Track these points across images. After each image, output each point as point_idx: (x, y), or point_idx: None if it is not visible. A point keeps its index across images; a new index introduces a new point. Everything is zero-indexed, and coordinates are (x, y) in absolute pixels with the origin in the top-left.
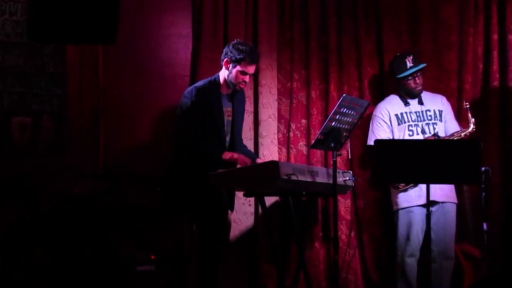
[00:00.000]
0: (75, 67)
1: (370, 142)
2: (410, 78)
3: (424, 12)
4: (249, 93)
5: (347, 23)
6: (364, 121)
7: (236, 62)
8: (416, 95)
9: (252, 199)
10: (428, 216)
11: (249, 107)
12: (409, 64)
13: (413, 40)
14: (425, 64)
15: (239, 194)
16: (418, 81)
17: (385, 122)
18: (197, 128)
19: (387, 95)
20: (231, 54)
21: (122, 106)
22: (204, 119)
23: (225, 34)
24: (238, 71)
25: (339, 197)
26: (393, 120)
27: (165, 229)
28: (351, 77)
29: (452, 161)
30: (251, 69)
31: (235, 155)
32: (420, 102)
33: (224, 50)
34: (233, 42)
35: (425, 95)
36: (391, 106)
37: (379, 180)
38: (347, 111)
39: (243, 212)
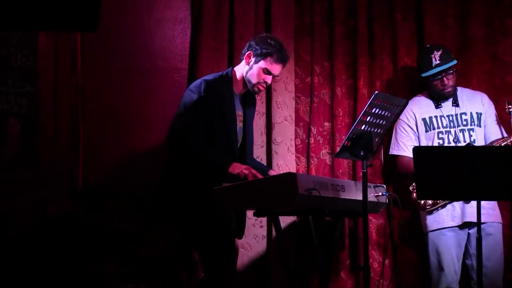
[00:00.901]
0: (49, 59)
1: (393, 151)
2: (436, 78)
3: None
4: None
5: (380, 5)
6: None
7: (261, 56)
8: (446, 97)
9: (264, 220)
10: (479, 240)
11: (260, 107)
12: (434, 62)
13: (461, 25)
14: (455, 62)
15: (249, 214)
16: (446, 82)
17: (411, 128)
18: (204, 129)
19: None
20: (256, 47)
21: (105, 107)
22: (214, 121)
23: (231, 18)
24: (261, 68)
25: (370, 217)
26: (420, 125)
27: (158, 257)
28: (384, 70)
29: (506, 173)
30: (276, 69)
31: (246, 170)
32: (455, 104)
33: (248, 43)
34: (261, 35)
35: (462, 94)
36: (418, 108)
37: (419, 195)
38: (380, 112)
39: (253, 235)
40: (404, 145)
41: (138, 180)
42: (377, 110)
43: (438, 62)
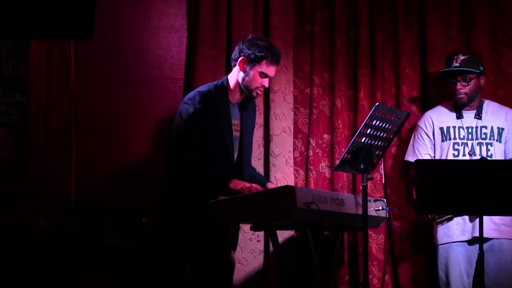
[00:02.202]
0: (41, 68)
1: (408, 157)
2: (450, 80)
3: (478, 1)
4: (258, 101)
5: (382, 15)
6: (402, 137)
7: (256, 61)
8: (461, 105)
9: (261, 234)
10: (481, 256)
11: (258, 118)
12: (454, 63)
13: (465, 35)
14: (474, 71)
15: (245, 228)
16: (459, 87)
17: (428, 136)
18: (200, 142)
19: (432, 103)
20: (248, 52)
21: (99, 117)
22: (210, 132)
23: (229, 27)
24: (257, 72)
25: (370, 232)
26: (437, 134)
27: (154, 272)
28: (385, 81)
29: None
30: (272, 71)
31: (247, 185)
32: (478, 116)
33: (236, 47)
34: (248, 37)
35: (488, 107)
36: (438, 116)
37: (420, 210)
38: (380, 124)
39: (250, 250)
40: (418, 152)
41: (132, 193)
42: (378, 122)
43: (457, 64)
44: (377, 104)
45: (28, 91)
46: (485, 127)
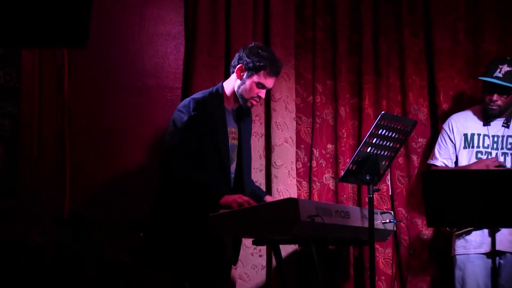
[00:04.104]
0: (33, 78)
1: (430, 160)
2: (487, 90)
3: (487, 4)
4: (259, 110)
5: (386, 19)
6: (409, 146)
7: (253, 70)
8: (491, 115)
9: (263, 248)
10: (494, 270)
11: (259, 128)
12: (497, 73)
13: (472, 40)
14: (508, 84)
15: (247, 242)
16: (495, 99)
17: (451, 140)
18: (193, 151)
19: (440, 111)
20: (247, 60)
21: (93, 128)
22: (204, 141)
23: (227, 33)
24: (254, 82)
25: (377, 245)
26: (459, 140)
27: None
28: (391, 88)
29: None
30: (270, 83)
31: (239, 199)
32: (506, 124)
33: (237, 54)
34: (250, 45)
35: None
36: (464, 121)
37: (429, 223)
38: (386, 133)
39: (251, 265)
40: (440, 155)
41: (129, 206)
42: (384, 131)
43: (499, 75)
44: (382, 112)
45: (20, 101)
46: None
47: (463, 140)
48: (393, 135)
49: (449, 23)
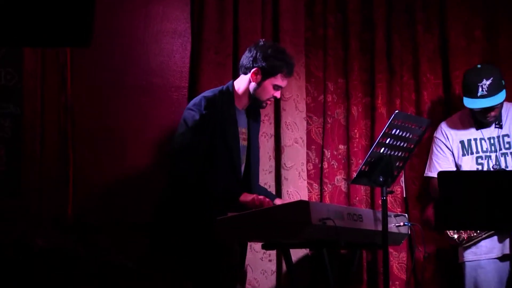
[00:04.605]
0: (35, 77)
1: (428, 172)
2: (479, 111)
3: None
4: (268, 109)
5: (399, 16)
6: (424, 146)
7: (271, 74)
8: (486, 124)
9: (273, 253)
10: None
11: (268, 128)
12: (480, 91)
13: (489, 37)
14: (503, 96)
15: (256, 247)
16: (492, 114)
17: (448, 148)
18: (204, 151)
19: (455, 111)
20: (263, 64)
21: (97, 129)
22: (215, 141)
23: (235, 31)
24: (271, 84)
25: (390, 249)
26: (457, 148)
27: None
28: (405, 87)
29: None
30: (285, 83)
31: (259, 197)
32: (498, 125)
33: (249, 54)
34: (261, 43)
35: (508, 112)
36: (456, 129)
37: (440, 226)
38: (400, 133)
39: (261, 271)
40: (439, 166)
41: (133, 208)
42: (398, 131)
43: (485, 93)
44: (396, 111)
45: (23, 101)
46: (507, 135)
47: (461, 148)
48: (407, 135)
49: (464, 20)
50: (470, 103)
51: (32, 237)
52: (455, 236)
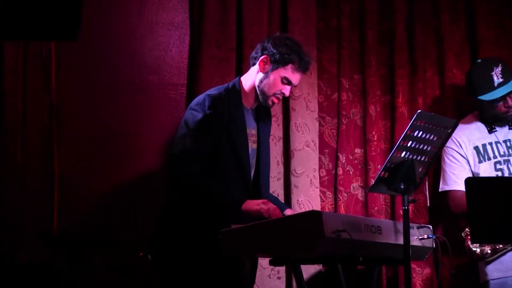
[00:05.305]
0: (16, 74)
1: (445, 186)
2: (499, 100)
3: None
4: (276, 109)
5: (422, 4)
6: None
7: (280, 63)
8: (507, 121)
9: (282, 269)
10: None
11: (276, 130)
12: (496, 80)
13: None
14: None
15: (263, 262)
16: (510, 104)
17: (462, 156)
18: (208, 156)
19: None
20: (273, 51)
21: (85, 131)
22: (221, 144)
23: (239, 22)
24: (280, 76)
25: (413, 265)
26: (472, 155)
27: None
28: (428, 84)
29: None
30: (296, 79)
31: (264, 206)
32: (511, 126)
33: (259, 45)
34: (277, 35)
35: None
36: (469, 134)
37: (475, 239)
38: (423, 136)
39: None
40: (456, 177)
41: (127, 222)
42: (420, 133)
43: (501, 80)
44: (419, 111)
45: (3, 102)
46: None
47: (476, 154)
48: (431, 138)
49: (493, 9)
50: (491, 95)
51: (15, 251)
52: (477, 250)
